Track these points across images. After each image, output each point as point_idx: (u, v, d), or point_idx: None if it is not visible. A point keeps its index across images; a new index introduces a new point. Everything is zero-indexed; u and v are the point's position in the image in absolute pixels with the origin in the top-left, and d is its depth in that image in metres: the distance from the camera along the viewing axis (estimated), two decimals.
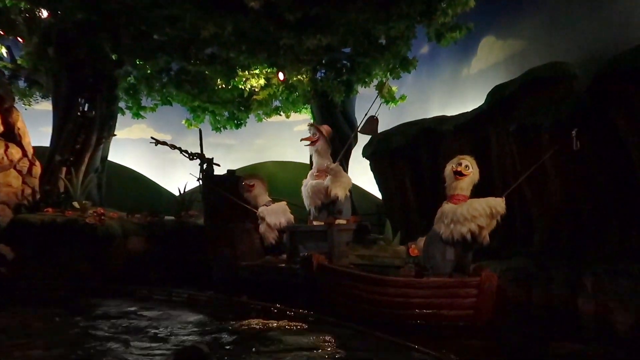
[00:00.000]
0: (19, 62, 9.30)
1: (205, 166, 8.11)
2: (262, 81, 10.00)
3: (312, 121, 12.24)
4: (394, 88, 9.99)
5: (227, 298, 5.92)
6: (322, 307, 5.14)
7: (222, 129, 11.75)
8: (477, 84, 8.85)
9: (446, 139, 8.17)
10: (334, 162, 6.25)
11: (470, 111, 7.84)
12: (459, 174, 4.67)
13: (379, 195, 10.14)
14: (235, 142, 13.78)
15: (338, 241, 5.79)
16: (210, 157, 8.07)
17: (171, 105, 11.03)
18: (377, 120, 6.01)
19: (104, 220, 7.76)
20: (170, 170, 12.69)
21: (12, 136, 7.66)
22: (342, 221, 6.02)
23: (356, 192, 10.37)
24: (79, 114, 8.68)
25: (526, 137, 6.72)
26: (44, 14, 8.44)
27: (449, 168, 4.79)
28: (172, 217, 8.70)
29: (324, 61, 9.56)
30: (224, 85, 9.93)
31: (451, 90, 9.68)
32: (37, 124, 10.15)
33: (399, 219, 8.87)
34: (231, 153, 13.22)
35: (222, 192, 6.97)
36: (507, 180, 7.38)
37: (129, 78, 10.18)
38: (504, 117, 7.15)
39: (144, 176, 12.31)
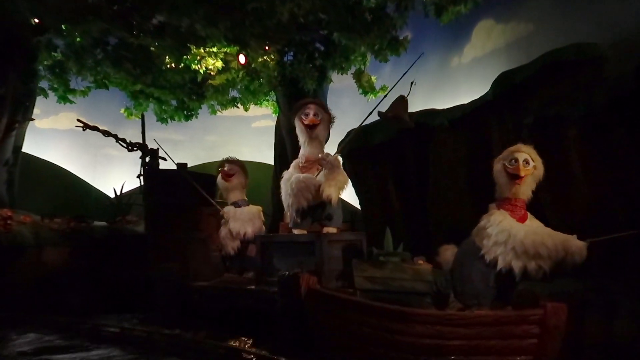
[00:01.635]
0: None
1: (147, 159, 6.50)
2: (219, 63, 8.43)
3: (273, 114, 10.82)
4: (373, 78, 8.72)
5: (174, 336, 4.35)
6: (312, 348, 3.72)
7: (168, 120, 10.03)
8: (471, 74, 7.75)
9: (438, 134, 7.00)
10: None
11: (469, 103, 6.68)
12: (515, 177, 3.41)
13: (353, 201, 8.84)
14: (183, 137, 12.04)
15: (329, 256, 4.38)
16: (155, 148, 6.46)
17: (107, 89, 9.19)
18: (406, 101, 4.63)
19: (11, 225, 5.95)
20: (104, 168, 10.80)
21: None
22: (332, 230, 4.60)
23: None
24: None
25: (545, 132, 5.64)
26: None
27: (499, 167, 3.53)
28: (104, 223, 6.97)
29: (295, 41, 8.15)
30: (173, 65, 8.26)
31: (438, 82, 8.54)
32: None
33: (379, 229, 7.64)
34: (178, 150, 11.47)
35: (192, 182, 5.43)
36: None
37: (55, 54, 8.31)
38: (513, 108, 6.04)
39: (72, 174, 10.31)
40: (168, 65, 8.27)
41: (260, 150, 11.42)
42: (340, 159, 4.71)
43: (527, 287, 3.58)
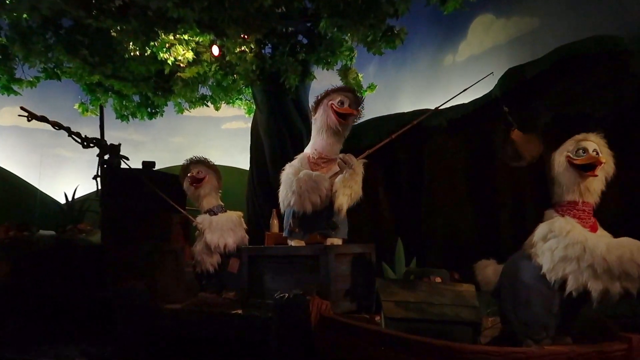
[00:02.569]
0: None
1: (106, 157, 5.55)
2: (189, 54, 7.50)
3: (246, 114, 9.97)
4: (359, 75, 8.03)
5: None
6: None
7: (130, 118, 8.99)
8: (467, 73, 7.18)
9: (434, 136, 6.42)
10: None
11: (470, 102, 6.12)
12: (589, 168, 2.75)
13: None
14: (145, 138, 10.96)
15: (335, 273, 3.58)
16: (116, 144, 5.52)
17: (59, 79, 8.08)
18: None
19: None
20: (53, 171, 9.60)
21: None
22: (337, 241, 3.82)
23: None
24: None
25: (565, 132, 5.10)
26: None
27: (562, 158, 2.85)
28: (52, 233, 5.91)
29: (276, 32, 7.37)
30: (138, 53, 7.28)
31: (429, 82, 7.95)
32: None
33: (367, 240, 6.92)
34: (140, 152, 10.42)
35: (152, 186, 4.54)
36: (520, 190, 5.74)
37: None
38: (521, 106, 5.51)
39: (14, 175, 9.05)
40: (132, 53, 7.28)
41: (231, 154, 10.51)
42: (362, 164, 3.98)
43: (593, 313, 2.91)
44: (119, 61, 7.47)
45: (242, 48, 7.30)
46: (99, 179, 5.66)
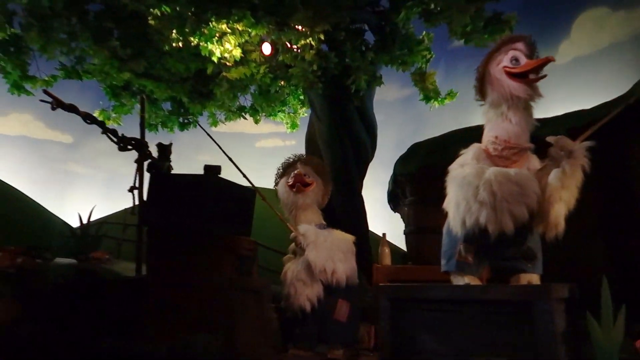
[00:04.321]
0: None
1: (150, 161, 4.29)
2: (237, 51, 6.30)
3: (287, 130, 8.74)
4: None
5: None
6: None
7: (157, 128, 7.73)
8: (570, 77, 6.02)
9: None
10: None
11: (594, 107, 4.91)
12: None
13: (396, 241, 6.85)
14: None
15: (558, 332, 2.25)
16: (166, 144, 4.27)
17: (80, 79, 6.83)
18: None
19: None
20: (64, 188, 8.22)
21: None
22: (534, 278, 2.49)
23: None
24: None
25: None
26: None
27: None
28: (71, 261, 4.54)
29: (344, 25, 6.20)
30: (179, 45, 6.06)
31: None
32: None
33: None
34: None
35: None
36: None
37: (12, 28, 6.01)
38: None
39: (20, 192, 7.65)
40: (171, 46, 6.06)
41: (264, 175, 9.19)
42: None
43: None
44: (153, 56, 6.26)
45: (304, 42, 6.11)
46: (135, 192, 4.39)
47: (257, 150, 10.26)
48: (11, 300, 3.81)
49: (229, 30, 5.79)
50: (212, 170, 3.83)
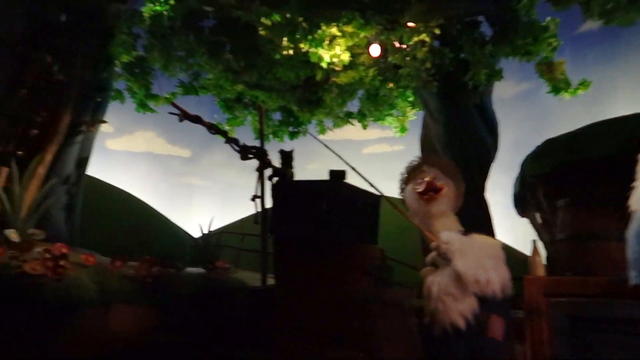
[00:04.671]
0: None
1: (273, 170, 4.21)
2: (346, 55, 6.17)
3: (395, 134, 8.44)
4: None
5: None
6: None
7: (269, 138, 7.84)
8: None
9: None
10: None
11: None
12: None
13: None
14: (278, 164, 9.84)
15: None
16: (288, 151, 4.20)
17: (197, 94, 7.14)
18: None
19: (63, 268, 3.70)
20: (184, 200, 8.66)
21: None
22: None
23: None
24: (38, 74, 4.78)
25: None
26: None
27: None
28: (201, 270, 4.63)
29: (457, 18, 5.82)
30: (290, 53, 6.07)
31: None
32: None
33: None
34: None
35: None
36: None
37: (135, 51, 6.39)
38: None
39: (147, 205, 8.17)
40: (282, 54, 6.08)
41: (377, 182, 9.01)
42: None
43: None
44: (264, 67, 6.31)
45: (416, 39, 5.81)
46: (258, 200, 4.36)
47: (364, 156, 10.09)
48: (149, 309, 3.92)
49: (339, 34, 5.67)
50: (337, 175, 3.65)
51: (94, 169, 6.89)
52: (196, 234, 7.17)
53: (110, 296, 3.78)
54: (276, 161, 4.66)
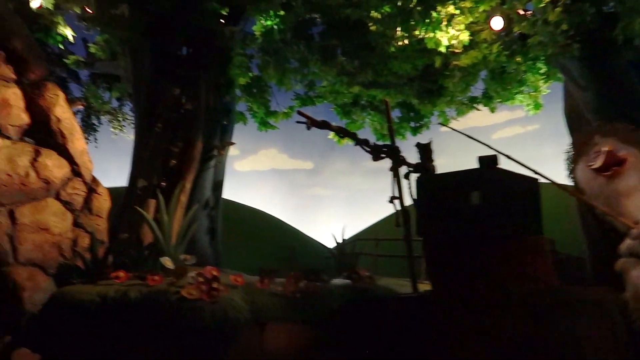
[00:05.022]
0: (92, 50, 6.11)
1: (412, 166, 3.93)
2: (465, 35, 5.66)
3: (528, 113, 7.64)
4: None
5: None
6: None
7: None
8: None
9: None
10: None
11: None
12: None
13: None
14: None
15: None
16: (426, 143, 3.87)
17: (313, 104, 7.11)
18: None
19: (217, 291, 3.74)
20: (312, 212, 8.71)
21: (48, 135, 4.11)
22: None
23: None
24: (170, 107, 5.01)
25: None
26: None
27: None
28: (345, 281, 4.43)
29: None
30: (404, 43, 5.73)
31: None
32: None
33: None
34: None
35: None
36: None
37: (250, 73, 6.50)
38: None
39: (278, 219, 8.31)
40: (395, 45, 5.76)
41: (511, 168, 8.25)
42: None
43: None
44: (379, 63, 6.04)
45: (546, 0, 5.13)
46: (396, 201, 4.09)
47: (495, 142, 9.31)
48: (302, 325, 3.79)
49: (456, 12, 5.21)
50: (489, 161, 3.23)
51: (227, 191, 7.17)
52: (330, 244, 7.09)
53: (263, 314, 3.73)
54: (410, 158, 4.36)
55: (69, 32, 5.81)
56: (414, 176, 4.03)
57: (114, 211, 4.66)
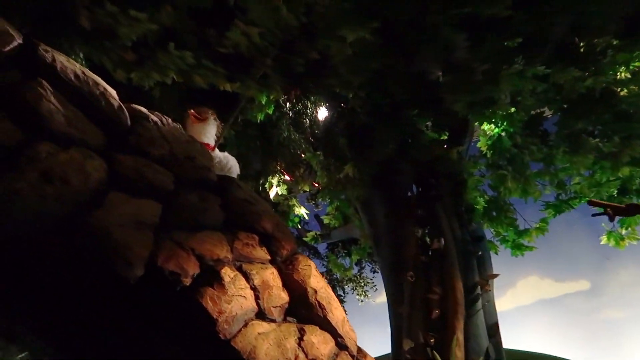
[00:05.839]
0: (326, 221, 6.21)
1: None
2: None
3: None
4: None
5: None
6: None
7: None
8: None
9: None
10: None
11: None
12: None
13: None
14: None
15: None
16: None
17: (570, 208, 5.85)
18: None
19: None
20: (609, 340, 6.64)
21: (307, 309, 3.84)
22: None
23: None
24: (416, 251, 4.48)
25: None
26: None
27: None
28: None
29: None
30: None
31: None
32: None
33: None
34: None
35: None
36: None
37: (487, 195, 5.81)
38: None
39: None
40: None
41: None
42: None
43: None
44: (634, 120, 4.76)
45: None
46: None
47: None
48: None
49: None
50: None
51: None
52: None
53: None
54: None
55: (304, 211, 6.06)
56: None
57: None
